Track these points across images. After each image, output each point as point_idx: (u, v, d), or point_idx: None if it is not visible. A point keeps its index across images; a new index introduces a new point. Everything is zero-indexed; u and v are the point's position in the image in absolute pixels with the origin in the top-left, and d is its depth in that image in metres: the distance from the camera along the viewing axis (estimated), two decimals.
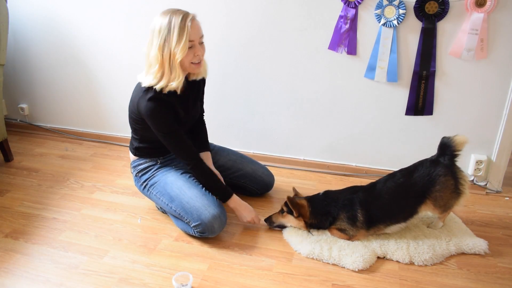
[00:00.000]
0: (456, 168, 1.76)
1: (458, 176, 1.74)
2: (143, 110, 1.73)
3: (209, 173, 1.87)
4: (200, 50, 1.72)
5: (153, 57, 1.66)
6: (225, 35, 2.33)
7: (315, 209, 1.81)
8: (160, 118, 1.74)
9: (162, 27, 1.63)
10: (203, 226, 1.76)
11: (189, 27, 1.63)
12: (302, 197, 1.89)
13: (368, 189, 1.82)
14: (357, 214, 1.77)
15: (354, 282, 1.62)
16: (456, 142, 1.74)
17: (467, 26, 1.97)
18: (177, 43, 1.62)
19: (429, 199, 1.75)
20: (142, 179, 1.95)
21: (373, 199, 1.78)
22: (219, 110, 2.51)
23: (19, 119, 3.01)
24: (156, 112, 1.72)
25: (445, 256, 1.74)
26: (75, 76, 2.74)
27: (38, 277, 1.63)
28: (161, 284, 1.60)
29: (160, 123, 1.75)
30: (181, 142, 1.80)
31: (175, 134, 1.78)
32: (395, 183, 1.78)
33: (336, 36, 2.16)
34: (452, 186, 1.74)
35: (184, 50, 1.64)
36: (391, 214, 1.78)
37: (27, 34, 2.71)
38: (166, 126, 1.76)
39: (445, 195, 1.74)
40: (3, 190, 2.23)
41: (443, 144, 1.77)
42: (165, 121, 1.75)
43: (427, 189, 1.74)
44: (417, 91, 2.16)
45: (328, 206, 1.80)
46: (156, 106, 1.71)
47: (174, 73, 1.69)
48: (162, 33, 1.63)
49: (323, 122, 2.38)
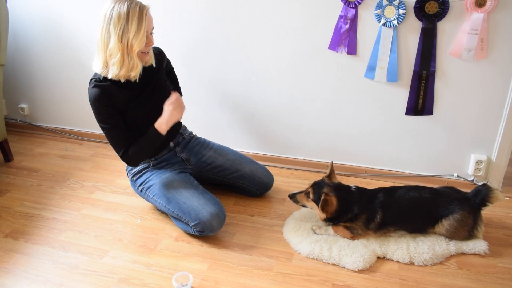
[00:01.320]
0: (480, 215, 1.81)
1: (478, 222, 1.79)
2: (89, 100, 1.74)
3: (137, 146, 1.79)
4: (151, 40, 1.74)
5: (113, 47, 1.64)
6: (225, 35, 2.33)
7: (342, 206, 1.79)
8: (101, 108, 1.73)
9: (122, 16, 1.61)
10: (202, 225, 1.76)
11: (146, 19, 1.65)
12: (332, 185, 1.83)
13: (389, 191, 1.83)
14: (376, 216, 1.78)
15: (354, 282, 1.62)
16: (493, 196, 1.78)
17: (467, 26, 1.97)
18: (136, 33, 1.63)
19: (442, 224, 1.77)
20: (137, 183, 1.96)
21: (392, 202, 1.79)
22: (219, 110, 2.51)
23: (19, 119, 3.01)
24: (98, 100, 1.71)
25: (445, 256, 1.74)
26: (75, 76, 2.74)
27: (38, 277, 1.63)
28: (161, 284, 1.60)
29: (100, 113, 1.74)
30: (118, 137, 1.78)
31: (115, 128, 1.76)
32: (420, 195, 1.80)
33: (336, 36, 2.16)
34: (469, 226, 1.78)
35: (143, 40, 1.66)
36: (404, 221, 1.80)
37: (27, 34, 2.71)
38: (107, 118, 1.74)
39: (458, 230, 1.77)
40: (3, 190, 2.23)
41: (481, 191, 1.80)
42: (105, 112, 1.74)
43: (445, 216, 1.77)
44: (417, 91, 2.16)
45: (355, 203, 1.80)
46: (98, 94, 1.71)
47: (132, 63, 1.69)
48: (120, 22, 1.62)
49: (323, 122, 2.38)
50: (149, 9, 1.69)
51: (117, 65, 1.68)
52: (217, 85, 2.46)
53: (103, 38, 1.66)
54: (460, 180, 2.31)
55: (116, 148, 1.81)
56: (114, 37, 1.63)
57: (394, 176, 2.39)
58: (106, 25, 1.64)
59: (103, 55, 1.69)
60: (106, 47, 1.67)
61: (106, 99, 1.72)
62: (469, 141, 2.22)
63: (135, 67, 1.71)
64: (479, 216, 1.80)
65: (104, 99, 1.72)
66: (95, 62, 1.75)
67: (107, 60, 1.69)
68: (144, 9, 1.65)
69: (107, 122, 1.76)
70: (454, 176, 2.32)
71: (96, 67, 1.74)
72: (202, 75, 2.47)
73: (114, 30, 1.63)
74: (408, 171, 2.38)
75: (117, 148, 1.81)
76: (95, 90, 1.71)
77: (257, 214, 2.05)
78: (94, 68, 1.75)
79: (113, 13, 1.62)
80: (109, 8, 1.64)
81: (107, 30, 1.64)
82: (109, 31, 1.64)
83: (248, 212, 2.06)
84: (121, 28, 1.62)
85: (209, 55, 2.41)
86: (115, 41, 1.63)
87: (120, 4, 1.63)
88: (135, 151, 1.80)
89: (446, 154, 2.28)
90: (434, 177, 2.34)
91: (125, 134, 1.79)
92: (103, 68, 1.71)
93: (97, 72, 1.74)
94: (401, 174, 2.38)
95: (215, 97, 2.50)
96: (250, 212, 2.07)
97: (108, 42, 1.65)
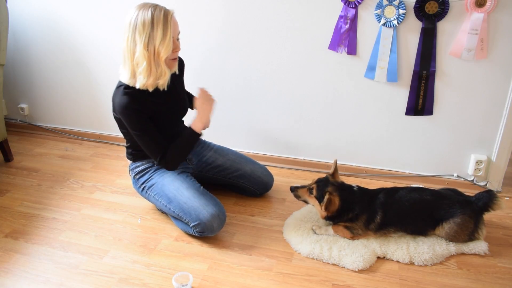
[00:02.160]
0: (481, 218, 1.80)
1: (479, 226, 1.78)
2: (117, 107, 1.71)
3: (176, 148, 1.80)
4: (178, 46, 1.73)
5: (139, 55, 1.62)
6: (225, 35, 2.33)
7: (343, 206, 1.79)
8: (133, 115, 1.71)
9: (146, 23, 1.59)
10: (202, 225, 1.76)
11: (171, 24, 1.63)
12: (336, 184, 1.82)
13: (390, 192, 1.83)
14: (376, 216, 1.78)
15: (354, 282, 1.62)
16: (496, 203, 1.78)
17: (467, 26, 1.97)
18: (162, 39, 1.61)
19: (443, 227, 1.77)
20: (140, 182, 1.95)
21: (392, 202, 1.79)
22: (219, 110, 2.51)
23: (19, 119, 3.01)
24: (128, 108, 1.69)
25: (445, 256, 1.74)
26: (75, 76, 2.74)
27: (38, 277, 1.63)
28: (161, 284, 1.60)
29: (132, 120, 1.72)
30: (153, 141, 1.76)
31: (147, 133, 1.75)
32: (421, 197, 1.80)
33: (336, 36, 2.16)
34: (470, 230, 1.77)
35: (169, 47, 1.64)
36: (404, 222, 1.80)
37: (27, 34, 2.71)
38: (139, 124, 1.73)
39: (458, 234, 1.77)
40: (3, 190, 2.23)
41: (485, 196, 1.79)
42: (137, 119, 1.72)
43: (446, 219, 1.76)
44: (417, 91, 2.16)
45: (356, 203, 1.80)
46: (129, 102, 1.68)
47: (159, 70, 1.67)
48: (146, 29, 1.59)
49: (323, 122, 2.38)
50: (173, 13, 1.66)
51: (144, 74, 1.65)
52: (217, 85, 2.46)
53: (129, 47, 1.63)
54: (460, 180, 2.31)
55: (152, 154, 1.80)
56: (140, 45, 1.60)
57: (394, 176, 2.39)
58: (131, 33, 1.61)
59: (130, 64, 1.66)
60: (132, 56, 1.64)
61: (137, 105, 1.70)
62: (469, 141, 2.22)
63: (163, 74, 1.69)
64: (480, 220, 1.79)
65: (136, 106, 1.69)
66: (121, 71, 1.72)
67: (134, 69, 1.66)
68: (168, 14, 1.62)
69: (139, 128, 1.73)
70: (454, 176, 2.32)
71: (123, 77, 1.71)
72: (201, 75, 2.46)
73: (139, 38, 1.60)
74: (408, 171, 2.38)
75: (154, 154, 1.79)
76: (126, 97, 1.68)
77: (257, 214, 2.05)
78: (121, 78, 1.72)
79: (138, 21, 1.59)
80: (133, 16, 1.61)
81: (132, 38, 1.62)
82: (134, 39, 1.61)
83: (248, 212, 2.06)
84: (146, 36, 1.59)
85: (208, 55, 2.41)
86: (141, 49, 1.60)
87: (144, 11, 1.60)
88: (173, 154, 1.79)
89: (446, 154, 2.28)
90: (434, 177, 2.34)
91: (158, 138, 1.78)
92: (130, 78, 1.68)
93: (125, 82, 1.71)
94: (401, 174, 2.38)
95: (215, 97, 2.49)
96: (250, 212, 2.07)
97: (134, 51, 1.62)
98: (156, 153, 1.78)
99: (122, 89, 1.71)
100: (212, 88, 2.47)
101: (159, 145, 1.77)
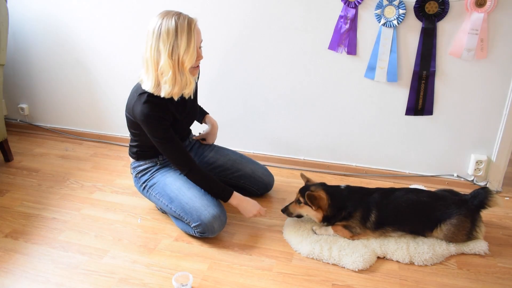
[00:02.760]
0: (478, 216, 1.79)
1: (476, 224, 1.78)
2: (138, 115, 1.70)
3: (205, 176, 1.83)
4: (201, 54, 1.72)
5: (164, 64, 1.60)
6: (225, 35, 2.34)
7: (334, 201, 1.80)
8: (156, 124, 1.70)
9: (170, 32, 1.57)
10: (203, 226, 1.76)
11: (195, 32, 1.61)
12: (317, 183, 1.87)
13: (386, 192, 1.83)
14: (370, 214, 1.78)
15: (354, 282, 1.62)
16: (492, 200, 1.77)
17: (467, 26, 1.97)
18: (186, 49, 1.59)
19: (441, 229, 1.77)
20: (141, 180, 1.95)
21: (388, 202, 1.79)
22: (219, 110, 2.51)
23: (19, 119, 3.01)
24: (151, 116, 1.68)
25: (445, 256, 1.74)
26: (75, 76, 2.74)
27: (38, 277, 1.63)
28: (161, 284, 1.60)
29: (155, 128, 1.71)
30: (176, 149, 1.77)
31: (170, 140, 1.74)
32: (418, 198, 1.80)
33: (336, 36, 2.16)
34: (467, 229, 1.77)
35: (194, 56, 1.62)
36: (401, 222, 1.80)
37: (27, 34, 2.71)
38: (162, 132, 1.72)
39: (456, 235, 1.77)
40: (3, 190, 2.23)
41: (480, 194, 1.79)
42: (160, 127, 1.71)
43: (443, 220, 1.76)
44: (417, 91, 2.16)
45: (347, 200, 1.80)
46: (151, 110, 1.67)
47: (184, 79, 1.66)
48: (170, 39, 1.57)
49: (323, 122, 2.38)
50: (197, 22, 1.64)
51: (169, 83, 1.63)
52: (217, 85, 2.47)
53: (153, 56, 1.61)
54: (460, 180, 2.31)
55: (180, 164, 1.79)
56: (164, 54, 1.58)
57: (394, 176, 2.39)
58: (155, 42, 1.59)
59: (154, 74, 1.64)
60: (156, 65, 1.62)
61: (161, 113, 1.69)
62: (469, 141, 2.22)
63: (188, 83, 1.68)
64: (477, 218, 1.78)
65: (160, 114, 1.69)
66: (144, 79, 1.70)
67: (159, 79, 1.65)
68: (192, 22, 1.61)
69: (163, 136, 1.73)
70: (454, 176, 2.32)
71: (146, 85, 1.68)
72: (201, 75, 2.46)
73: (163, 47, 1.58)
74: (408, 171, 2.38)
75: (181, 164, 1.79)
76: (148, 105, 1.67)
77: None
78: (144, 86, 1.69)
79: (162, 29, 1.57)
80: (157, 24, 1.59)
81: (156, 47, 1.59)
82: (158, 48, 1.59)
83: None
84: (170, 45, 1.57)
85: (208, 56, 2.41)
86: (165, 59, 1.59)
87: (167, 20, 1.58)
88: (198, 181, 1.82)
89: (446, 154, 2.28)
90: (434, 177, 2.34)
91: (181, 147, 1.78)
92: (154, 87, 1.67)
93: (148, 90, 1.68)
94: (401, 174, 2.38)
95: (215, 97, 2.50)
96: None
97: (159, 60, 1.61)
98: (183, 166, 1.79)
99: (146, 97, 1.68)
100: (212, 88, 2.48)
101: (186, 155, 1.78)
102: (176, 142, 1.76)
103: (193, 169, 1.80)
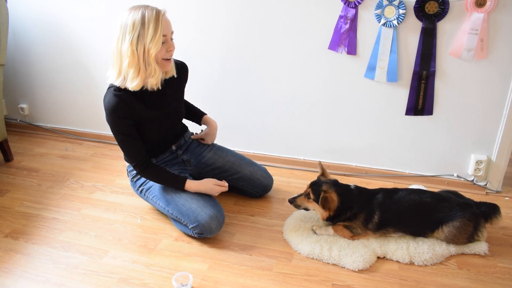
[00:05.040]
0: (481, 221, 1.78)
1: (479, 229, 1.77)
2: (105, 107, 1.70)
3: (159, 172, 1.83)
4: (172, 45, 1.70)
5: (125, 53, 1.60)
6: (225, 35, 2.33)
7: (342, 203, 1.78)
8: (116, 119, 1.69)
9: (136, 22, 1.58)
10: (200, 227, 1.76)
11: (163, 22, 1.61)
12: (330, 182, 1.83)
13: (389, 192, 1.82)
14: (374, 216, 1.77)
15: (354, 282, 1.62)
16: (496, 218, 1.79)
17: (467, 26, 1.97)
18: (152, 37, 1.59)
19: (442, 230, 1.76)
20: (137, 184, 1.95)
21: (391, 203, 1.79)
22: (219, 110, 2.51)
23: (19, 119, 3.01)
24: (114, 111, 1.67)
25: (445, 256, 1.74)
26: (75, 76, 2.74)
27: (38, 277, 1.63)
28: (161, 284, 1.60)
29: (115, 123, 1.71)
30: (131, 148, 1.77)
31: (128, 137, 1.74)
32: (421, 199, 1.79)
33: (336, 36, 2.16)
34: (469, 232, 1.76)
35: (159, 44, 1.61)
36: (403, 223, 1.80)
37: (27, 34, 2.71)
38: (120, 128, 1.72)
39: (457, 237, 1.76)
40: (3, 190, 2.23)
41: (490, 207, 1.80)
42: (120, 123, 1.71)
43: (445, 222, 1.76)
44: (417, 91, 2.16)
45: (353, 202, 1.80)
46: (116, 104, 1.67)
47: (149, 69, 1.65)
48: (136, 28, 1.58)
49: (323, 122, 2.38)
50: (165, 12, 1.65)
51: (133, 74, 1.64)
52: (217, 85, 2.47)
53: (118, 46, 1.62)
54: (460, 180, 2.31)
55: (129, 159, 1.82)
56: (127, 43, 1.59)
57: (394, 176, 2.39)
58: (121, 34, 1.61)
59: (118, 64, 1.65)
60: (120, 55, 1.63)
61: (123, 110, 1.68)
62: (469, 141, 2.22)
63: (153, 73, 1.66)
64: (480, 223, 1.78)
65: (122, 111, 1.68)
66: (110, 73, 1.70)
67: (121, 69, 1.65)
68: (160, 13, 1.61)
69: (121, 133, 1.73)
70: (454, 176, 2.32)
71: (111, 78, 1.69)
72: (201, 75, 2.47)
73: (128, 37, 1.59)
74: (408, 171, 2.38)
75: (130, 159, 1.80)
76: (114, 99, 1.67)
77: (257, 214, 2.05)
78: (109, 80, 1.70)
79: (128, 21, 1.59)
80: (124, 17, 1.61)
81: (122, 38, 1.61)
82: (123, 39, 1.60)
83: (248, 212, 2.06)
84: (136, 34, 1.58)
85: (208, 56, 2.41)
86: (127, 47, 1.59)
87: (135, 12, 1.60)
88: (152, 177, 1.83)
89: (446, 154, 2.28)
90: (434, 177, 2.34)
91: (138, 146, 1.77)
92: (118, 77, 1.66)
93: (113, 83, 1.69)
94: (401, 174, 2.38)
95: (215, 97, 2.50)
96: (250, 212, 2.07)
97: (121, 49, 1.62)
98: (132, 159, 1.79)
99: (112, 90, 1.69)
100: (211, 88, 2.48)
101: (137, 152, 1.78)
102: (133, 141, 1.75)
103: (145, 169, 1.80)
